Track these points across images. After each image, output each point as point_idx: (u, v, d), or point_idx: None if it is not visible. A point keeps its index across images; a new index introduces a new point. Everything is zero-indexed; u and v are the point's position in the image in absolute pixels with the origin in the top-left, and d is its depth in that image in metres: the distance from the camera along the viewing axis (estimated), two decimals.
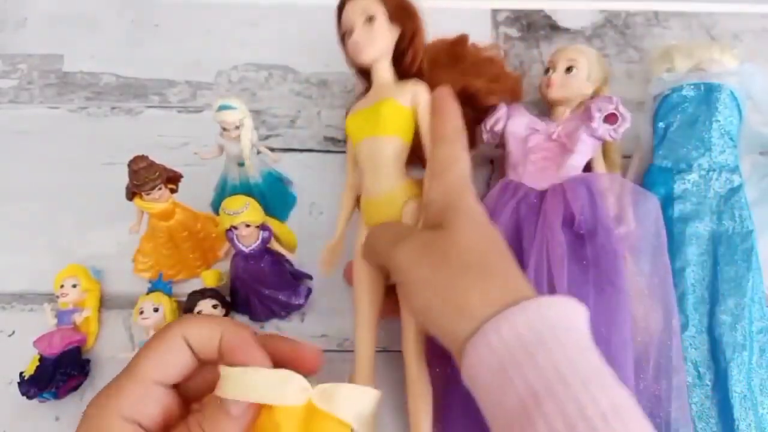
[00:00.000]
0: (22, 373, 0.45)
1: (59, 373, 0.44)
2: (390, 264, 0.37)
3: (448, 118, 0.40)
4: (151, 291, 0.47)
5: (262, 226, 0.45)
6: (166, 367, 0.25)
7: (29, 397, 0.43)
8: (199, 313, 0.45)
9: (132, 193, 0.44)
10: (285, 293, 0.47)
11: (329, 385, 0.23)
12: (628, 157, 0.52)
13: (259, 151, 0.49)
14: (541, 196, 0.46)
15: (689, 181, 0.47)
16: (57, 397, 0.44)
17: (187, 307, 0.46)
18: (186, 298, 0.46)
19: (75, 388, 0.46)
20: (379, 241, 0.39)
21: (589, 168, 0.48)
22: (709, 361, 0.43)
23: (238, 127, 0.45)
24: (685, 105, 0.49)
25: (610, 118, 0.46)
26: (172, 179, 0.45)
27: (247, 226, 0.43)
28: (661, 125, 0.50)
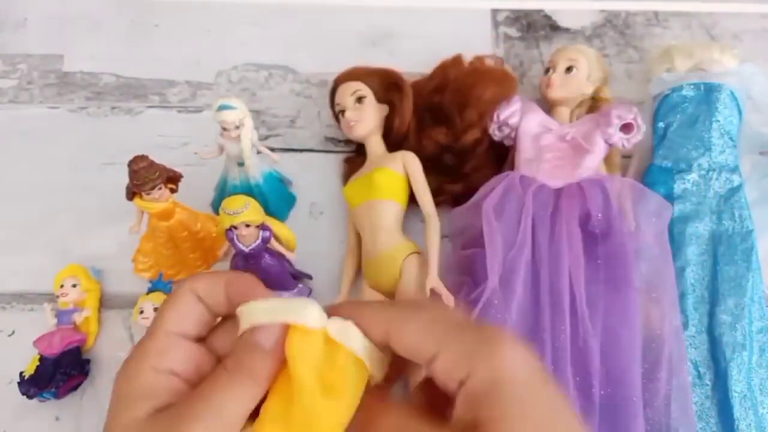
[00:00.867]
0: (22, 372, 0.45)
1: (59, 372, 0.44)
2: None
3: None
4: (151, 291, 0.47)
5: (262, 226, 0.45)
6: (181, 319, 0.24)
7: (29, 396, 0.43)
8: None
9: (132, 193, 0.44)
10: (285, 293, 0.47)
11: (341, 319, 0.23)
12: (628, 157, 0.52)
13: (259, 151, 0.49)
14: (555, 193, 0.46)
15: (689, 180, 0.47)
16: (57, 396, 0.44)
17: None
18: None
19: (75, 388, 0.46)
20: None
21: None
22: (709, 361, 0.43)
23: (238, 127, 0.45)
24: (685, 105, 0.49)
25: (626, 127, 0.46)
26: (172, 179, 0.45)
27: (247, 225, 0.43)
28: (661, 125, 0.50)
